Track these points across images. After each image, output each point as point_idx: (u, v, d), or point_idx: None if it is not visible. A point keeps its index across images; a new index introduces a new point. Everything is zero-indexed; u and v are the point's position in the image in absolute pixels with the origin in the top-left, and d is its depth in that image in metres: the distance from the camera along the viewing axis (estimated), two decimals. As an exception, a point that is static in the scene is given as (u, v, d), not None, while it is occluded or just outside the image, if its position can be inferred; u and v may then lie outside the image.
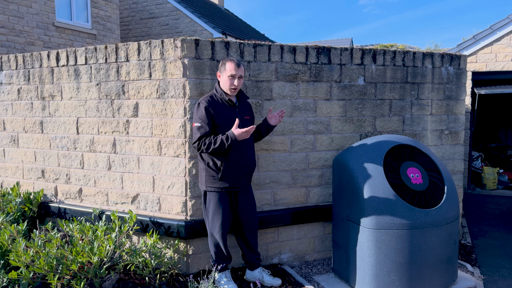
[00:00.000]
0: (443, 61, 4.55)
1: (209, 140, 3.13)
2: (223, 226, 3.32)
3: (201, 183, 3.35)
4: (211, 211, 3.31)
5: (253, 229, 3.48)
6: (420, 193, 3.37)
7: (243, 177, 3.32)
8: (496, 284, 3.79)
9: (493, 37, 7.36)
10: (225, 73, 3.22)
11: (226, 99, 3.25)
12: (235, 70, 3.20)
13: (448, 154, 4.68)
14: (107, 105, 3.94)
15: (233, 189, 3.30)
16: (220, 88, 3.28)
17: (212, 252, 3.41)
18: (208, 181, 3.27)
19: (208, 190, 3.30)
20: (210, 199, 3.31)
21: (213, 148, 3.12)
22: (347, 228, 3.54)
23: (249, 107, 3.48)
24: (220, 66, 3.30)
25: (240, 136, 3.09)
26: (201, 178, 3.34)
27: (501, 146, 10.03)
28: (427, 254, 3.30)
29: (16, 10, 8.26)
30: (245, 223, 3.44)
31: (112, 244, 3.25)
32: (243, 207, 3.41)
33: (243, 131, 3.07)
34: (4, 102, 4.66)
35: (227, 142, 3.09)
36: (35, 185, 4.49)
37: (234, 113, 3.28)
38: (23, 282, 3.08)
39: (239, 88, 3.27)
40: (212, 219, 3.33)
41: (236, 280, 3.59)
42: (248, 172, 3.35)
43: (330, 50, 4.02)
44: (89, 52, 4.01)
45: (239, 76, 3.22)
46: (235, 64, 3.21)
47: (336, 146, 4.11)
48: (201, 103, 3.21)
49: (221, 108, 3.23)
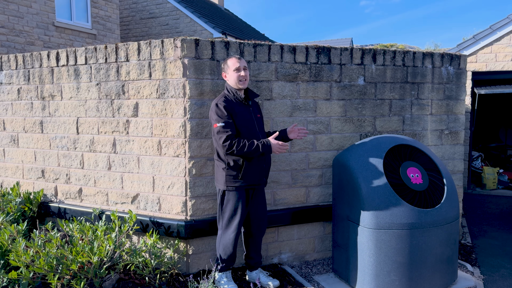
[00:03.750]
0: (443, 61, 4.55)
1: (243, 143, 3.12)
2: (239, 226, 3.32)
3: (219, 183, 3.32)
4: (229, 211, 3.29)
5: (262, 229, 3.51)
6: (420, 193, 3.37)
7: (262, 175, 3.35)
8: (496, 284, 3.79)
9: (493, 37, 7.36)
10: (230, 69, 3.27)
11: (241, 96, 3.27)
12: (238, 62, 3.25)
13: (448, 154, 4.68)
14: (107, 105, 3.94)
15: (253, 186, 3.33)
16: (231, 87, 3.29)
17: (220, 252, 3.38)
18: (228, 181, 3.25)
19: (228, 190, 3.27)
20: (229, 199, 3.28)
21: (246, 151, 3.12)
22: (347, 228, 3.54)
23: (258, 105, 3.52)
24: (223, 66, 3.34)
25: (274, 147, 3.15)
26: (219, 178, 3.31)
27: (501, 146, 10.03)
28: (427, 254, 3.30)
29: (16, 10, 8.26)
30: (256, 222, 3.46)
31: (112, 244, 3.25)
32: (256, 206, 3.44)
33: (279, 145, 3.14)
34: (4, 102, 4.66)
35: (262, 150, 3.13)
36: (35, 185, 4.49)
37: (248, 111, 3.31)
38: (23, 282, 3.08)
39: (247, 79, 3.28)
40: (228, 219, 3.31)
41: (236, 280, 3.60)
42: (266, 169, 3.38)
43: (330, 50, 4.02)
44: (89, 52, 4.01)
45: (244, 67, 3.27)
46: (236, 58, 3.28)
47: (336, 146, 4.11)
48: (218, 103, 3.20)
49: (237, 107, 3.24)
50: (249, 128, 3.24)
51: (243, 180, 3.25)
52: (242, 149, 3.11)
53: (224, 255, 3.37)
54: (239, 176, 3.23)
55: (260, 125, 3.37)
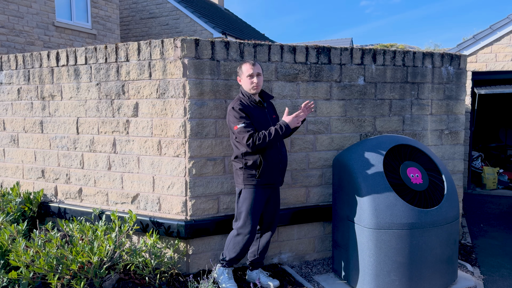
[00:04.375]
0: (443, 61, 4.55)
1: (262, 134, 3.16)
2: (254, 226, 3.32)
3: (238, 183, 3.36)
4: (245, 209, 3.30)
5: (272, 229, 3.53)
6: (420, 193, 3.37)
7: (278, 174, 3.38)
8: (496, 284, 3.79)
9: (493, 37, 7.36)
10: (243, 75, 3.32)
11: (256, 100, 3.33)
12: (252, 69, 3.29)
13: (448, 154, 4.68)
14: (107, 105, 3.94)
15: (271, 185, 3.35)
16: (246, 91, 3.35)
17: (231, 250, 3.37)
18: (246, 179, 3.29)
19: (246, 188, 3.30)
20: (246, 197, 3.30)
21: (269, 140, 3.16)
22: (347, 228, 3.54)
23: (273, 106, 3.56)
24: (238, 70, 3.39)
25: (292, 123, 3.20)
26: (238, 178, 3.35)
27: (501, 146, 10.03)
28: (427, 254, 3.30)
29: (16, 10, 8.26)
30: (267, 222, 3.48)
31: (112, 244, 3.25)
32: (272, 205, 3.46)
33: (293, 117, 3.20)
34: (4, 102, 4.66)
35: (281, 131, 3.17)
36: (35, 185, 4.49)
37: (264, 113, 3.36)
38: (23, 282, 3.08)
39: (260, 85, 3.33)
40: (245, 218, 3.31)
41: (236, 280, 3.60)
42: (282, 168, 3.41)
43: (330, 50, 4.02)
44: (89, 52, 4.01)
45: (257, 73, 3.30)
46: (250, 64, 3.31)
47: (336, 146, 4.11)
48: (235, 106, 3.25)
49: (252, 109, 3.29)
50: (266, 129, 3.29)
51: (261, 179, 3.28)
52: (264, 140, 3.16)
53: (233, 254, 3.36)
54: (257, 175, 3.27)
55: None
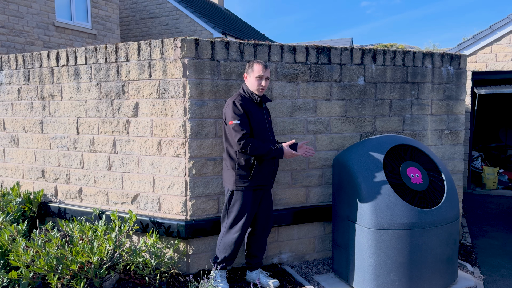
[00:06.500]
0: (443, 61, 4.55)
1: (258, 144, 3.15)
2: (244, 227, 3.32)
3: (228, 182, 3.33)
4: (235, 211, 3.30)
5: (267, 229, 3.53)
6: (420, 193, 3.37)
7: (271, 176, 3.39)
8: (496, 284, 3.79)
9: (493, 37, 7.36)
10: (253, 74, 3.29)
11: (257, 99, 3.33)
12: (263, 72, 3.28)
13: (448, 154, 4.69)
14: (107, 105, 3.94)
15: (263, 187, 3.35)
16: (248, 89, 3.34)
17: (221, 251, 3.38)
18: (238, 181, 3.27)
19: (237, 190, 3.28)
20: (237, 199, 3.29)
21: (259, 153, 3.17)
22: (347, 228, 3.54)
23: (268, 110, 3.58)
24: (247, 67, 3.36)
25: (286, 153, 3.23)
26: (228, 177, 3.31)
27: (501, 146, 10.03)
28: (427, 254, 3.30)
29: (16, 10, 8.26)
30: (262, 222, 3.47)
31: (112, 244, 3.25)
32: (263, 206, 3.45)
33: (292, 153, 3.22)
34: (4, 102, 4.66)
35: (274, 153, 3.19)
36: (35, 185, 4.49)
37: (262, 113, 3.36)
38: (23, 282, 3.08)
39: (265, 88, 3.37)
40: (233, 219, 3.31)
41: (236, 280, 3.60)
42: (274, 170, 3.42)
43: (330, 50, 4.02)
44: (89, 52, 4.01)
45: (266, 77, 3.30)
46: (262, 65, 3.29)
47: (336, 146, 4.11)
48: (235, 101, 3.24)
49: (252, 107, 3.29)
50: (262, 129, 3.30)
51: (253, 180, 3.27)
52: (256, 150, 3.15)
53: (223, 254, 3.38)
54: (249, 176, 3.25)
55: (271, 128, 3.44)
